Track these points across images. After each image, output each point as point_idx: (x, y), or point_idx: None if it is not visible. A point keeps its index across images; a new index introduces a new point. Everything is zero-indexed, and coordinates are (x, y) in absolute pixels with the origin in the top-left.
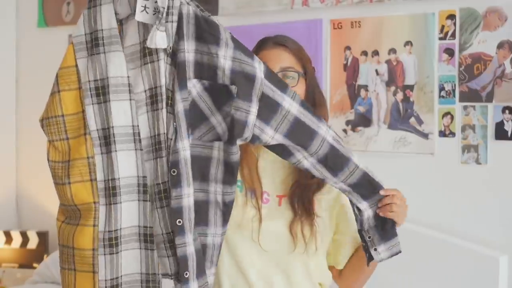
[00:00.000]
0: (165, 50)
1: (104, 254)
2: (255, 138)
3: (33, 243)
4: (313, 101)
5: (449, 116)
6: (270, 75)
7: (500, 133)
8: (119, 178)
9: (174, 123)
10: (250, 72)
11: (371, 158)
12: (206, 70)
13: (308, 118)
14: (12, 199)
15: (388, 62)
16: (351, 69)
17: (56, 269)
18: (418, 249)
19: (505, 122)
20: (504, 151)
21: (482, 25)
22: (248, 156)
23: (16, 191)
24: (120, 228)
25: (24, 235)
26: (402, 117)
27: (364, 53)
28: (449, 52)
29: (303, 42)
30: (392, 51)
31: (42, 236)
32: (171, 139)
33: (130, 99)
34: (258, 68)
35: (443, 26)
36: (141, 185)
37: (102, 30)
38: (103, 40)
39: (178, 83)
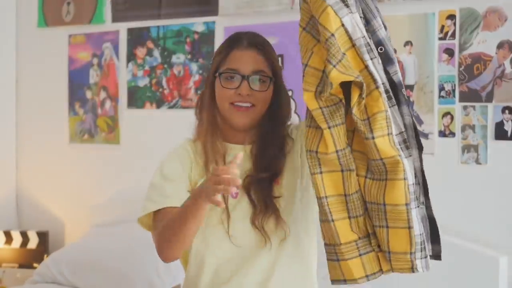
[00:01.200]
0: None
1: (416, 207)
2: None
3: (33, 243)
4: (279, 101)
5: (449, 116)
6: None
7: (500, 133)
8: (405, 131)
9: (381, 47)
10: None
11: None
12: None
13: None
14: (12, 199)
15: None
16: None
17: (56, 269)
18: None
19: (505, 122)
20: (504, 151)
21: (482, 25)
22: (215, 152)
23: (16, 191)
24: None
25: (24, 235)
26: None
27: None
28: (449, 52)
29: None
30: None
31: (42, 236)
32: (379, 64)
33: (372, 58)
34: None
35: (443, 26)
36: (401, 142)
37: None
38: (348, 1)
39: (372, 12)
